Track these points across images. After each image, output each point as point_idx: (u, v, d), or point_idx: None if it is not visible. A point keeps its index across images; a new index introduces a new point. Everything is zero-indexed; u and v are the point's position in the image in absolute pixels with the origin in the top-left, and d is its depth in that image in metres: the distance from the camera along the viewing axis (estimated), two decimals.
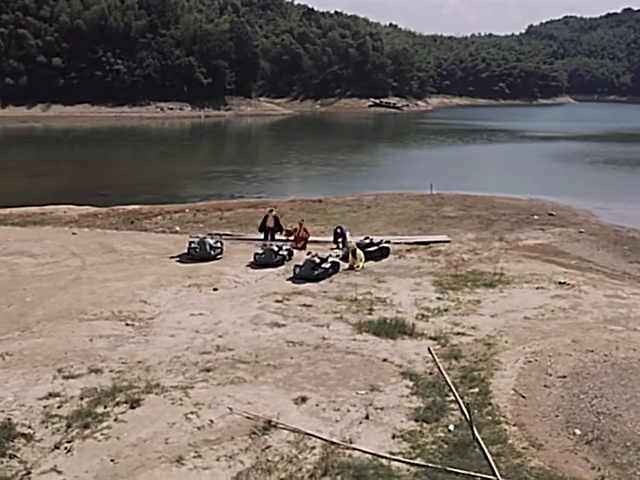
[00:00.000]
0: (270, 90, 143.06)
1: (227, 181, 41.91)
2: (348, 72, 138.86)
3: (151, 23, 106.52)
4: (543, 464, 8.59)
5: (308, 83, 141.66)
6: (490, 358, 12.05)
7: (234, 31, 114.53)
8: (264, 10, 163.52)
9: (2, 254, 19.05)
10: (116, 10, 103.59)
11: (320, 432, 9.27)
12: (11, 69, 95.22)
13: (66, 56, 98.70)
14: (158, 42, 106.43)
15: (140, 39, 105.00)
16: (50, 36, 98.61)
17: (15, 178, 43.50)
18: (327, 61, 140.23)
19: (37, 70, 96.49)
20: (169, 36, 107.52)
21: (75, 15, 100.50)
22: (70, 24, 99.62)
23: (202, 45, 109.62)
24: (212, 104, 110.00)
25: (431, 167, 50.49)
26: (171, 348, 12.38)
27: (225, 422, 9.45)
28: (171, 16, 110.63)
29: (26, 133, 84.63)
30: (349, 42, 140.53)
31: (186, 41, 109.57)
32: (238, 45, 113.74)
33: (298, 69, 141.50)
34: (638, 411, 9.67)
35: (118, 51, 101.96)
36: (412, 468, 8.51)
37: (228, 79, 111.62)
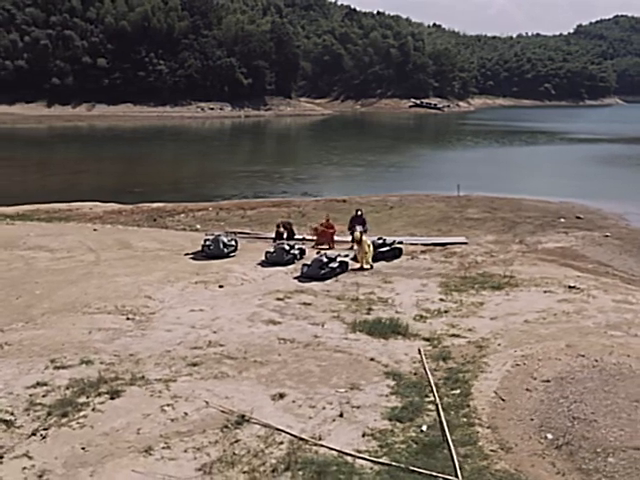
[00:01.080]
0: (311, 90, 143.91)
1: (256, 180, 42.30)
2: (389, 72, 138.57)
3: (193, 24, 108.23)
4: (509, 467, 8.53)
5: (349, 83, 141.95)
6: (478, 360, 11.97)
7: (275, 32, 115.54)
8: (307, 11, 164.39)
9: (21, 248, 19.70)
10: (159, 11, 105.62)
11: (291, 428, 9.37)
12: (58, 69, 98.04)
13: (110, 57, 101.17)
14: (200, 43, 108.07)
15: (182, 40, 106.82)
16: (95, 37, 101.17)
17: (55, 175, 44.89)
18: (368, 61, 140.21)
19: (83, 70, 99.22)
20: (211, 37, 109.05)
21: (120, 16, 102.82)
22: (115, 25, 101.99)
23: (243, 46, 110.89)
24: (252, 104, 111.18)
25: (462, 169, 50.04)
26: (165, 342, 12.65)
27: (199, 415, 9.64)
28: (213, 17, 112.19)
29: (71, 132, 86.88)
30: (390, 42, 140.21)
31: (228, 42, 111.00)
32: (279, 46, 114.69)
33: (339, 69, 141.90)
34: (615, 417, 9.50)
35: (161, 52, 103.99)
36: (376, 466, 8.55)
37: (268, 79, 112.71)
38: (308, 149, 69.61)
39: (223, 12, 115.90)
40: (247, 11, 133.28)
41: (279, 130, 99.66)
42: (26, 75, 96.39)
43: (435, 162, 55.48)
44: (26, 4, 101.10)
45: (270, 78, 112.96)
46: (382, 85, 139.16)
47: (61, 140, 77.31)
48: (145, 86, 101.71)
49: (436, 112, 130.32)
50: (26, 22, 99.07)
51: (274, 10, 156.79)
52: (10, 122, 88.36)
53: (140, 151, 63.57)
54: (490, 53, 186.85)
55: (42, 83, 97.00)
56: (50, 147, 66.66)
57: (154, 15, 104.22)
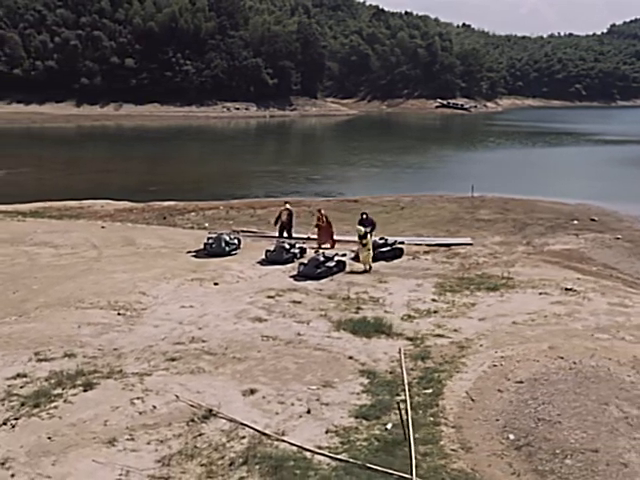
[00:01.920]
0: (338, 91, 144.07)
1: (271, 180, 42.58)
2: (416, 73, 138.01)
3: (220, 25, 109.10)
4: (465, 467, 8.54)
5: (376, 84, 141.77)
6: (457, 361, 11.96)
7: (301, 32, 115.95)
8: (334, 11, 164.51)
9: (27, 244, 20.16)
10: (187, 12, 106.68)
11: (256, 423, 9.50)
12: (87, 70, 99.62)
13: (138, 57, 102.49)
14: (227, 43, 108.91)
15: (209, 40, 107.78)
16: (124, 38, 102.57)
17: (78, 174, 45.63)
18: (395, 62, 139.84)
19: (111, 71, 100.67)
20: (237, 37, 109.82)
21: (148, 17, 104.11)
22: (143, 26, 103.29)
23: (269, 46, 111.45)
24: (277, 104, 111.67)
25: (481, 170, 49.75)
26: (149, 337, 12.88)
27: (168, 409, 9.82)
28: (240, 18, 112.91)
29: (98, 131, 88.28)
30: (418, 42, 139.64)
31: (254, 42, 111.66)
32: (305, 46, 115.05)
33: (366, 70, 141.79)
34: (580, 419, 9.43)
35: (187, 52, 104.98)
36: (333, 462, 8.63)
37: (294, 80, 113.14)
38: (327, 149, 69.77)
39: (250, 13, 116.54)
40: (275, 11, 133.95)
41: (302, 130, 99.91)
42: (56, 75, 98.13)
43: (454, 163, 55.15)
44: (57, 5, 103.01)
45: (296, 78, 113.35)
46: (409, 85, 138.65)
47: (88, 139, 78.62)
48: (172, 86, 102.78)
49: (463, 113, 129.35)
50: (56, 23, 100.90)
51: (302, 10, 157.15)
52: (40, 121, 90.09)
53: (163, 151, 64.28)
54: (520, 53, 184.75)
55: (71, 83, 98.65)
56: (77, 146, 67.72)
57: (181, 16, 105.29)
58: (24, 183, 39.41)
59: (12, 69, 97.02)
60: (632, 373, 11.25)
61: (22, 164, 48.35)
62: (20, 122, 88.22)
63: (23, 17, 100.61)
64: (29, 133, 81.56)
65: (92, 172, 46.62)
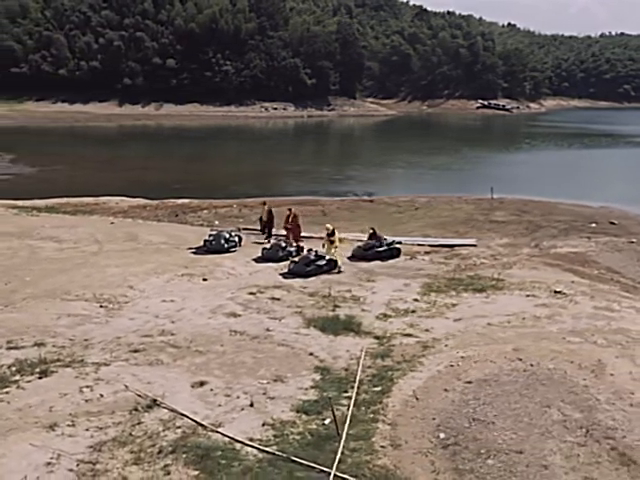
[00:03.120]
0: (378, 91, 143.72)
1: (292, 180, 42.97)
2: (457, 73, 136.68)
3: (260, 25, 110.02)
4: (389, 463, 8.60)
5: (416, 84, 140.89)
6: (416, 360, 11.97)
7: (340, 32, 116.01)
8: (377, 11, 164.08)
9: (33, 238, 20.87)
10: (227, 13, 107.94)
11: (196, 414, 9.73)
12: (129, 70, 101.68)
13: (179, 57, 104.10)
14: (266, 44, 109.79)
15: (249, 41, 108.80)
16: (165, 39, 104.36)
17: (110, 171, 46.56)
18: (436, 62, 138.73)
19: (152, 71, 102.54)
20: (277, 38, 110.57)
21: (189, 19, 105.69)
22: (184, 27, 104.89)
23: (308, 46, 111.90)
24: (315, 104, 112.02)
25: (508, 171, 49.23)
26: (122, 330, 13.25)
27: (114, 397, 10.14)
28: (280, 19, 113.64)
29: (139, 130, 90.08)
30: (460, 42, 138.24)
31: (293, 43, 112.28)
32: (344, 46, 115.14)
33: (407, 70, 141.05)
34: (515, 420, 9.37)
35: (227, 52, 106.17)
36: (260, 454, 8.80)
37: (332, 80, 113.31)
38: (357, 150, 69.74)
39: (290, 13, 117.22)
40: (316, 11, 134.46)
41: (338, 131, 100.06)
42: (99, 75, 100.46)
43: (483, 164, 54.53)
44: (101, 7, 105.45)
45: (334, 78, 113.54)
46: (449, 86, 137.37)
47: (128, 138, 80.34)
48: (211, 86, 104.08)
49: (504, 113, 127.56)
50: (101, 24, 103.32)
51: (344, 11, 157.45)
52: (83, 120, 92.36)
53: (198, 150, 65.32)
54: (566, 53, 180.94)
55: (114, 83, 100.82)
56: (115, 145, 69.16)
57: (222, 17, 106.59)
58: (54, 180, 40.60)
59: (58, 69, 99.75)
60: (589, 377, 11.10)
61: (57, 162, 49.83)
62: (64, 121, 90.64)
63: (69, 19, 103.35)
64: (71, 132, 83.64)
65: (123, 170, 47.55)
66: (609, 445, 8.87)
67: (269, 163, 54.58)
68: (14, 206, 26.79)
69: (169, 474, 8.27)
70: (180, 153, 62.18)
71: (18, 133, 75.19)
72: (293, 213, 22.22)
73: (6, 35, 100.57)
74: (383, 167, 49.10)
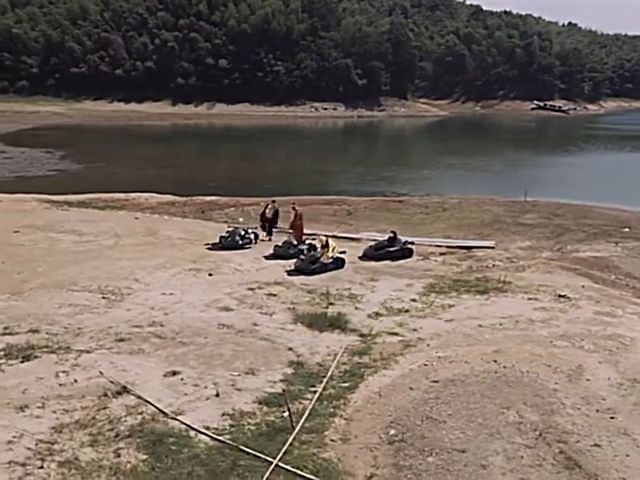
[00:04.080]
0: (431, 91, 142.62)
1: (327, 179, 43.22)
2: (513, 73, 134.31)
3: (312, 26, 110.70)
4: (333, 456, 8.73)
5: (471, 84, 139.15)
6: (392, 358, 12.02)
7: (393, 32, 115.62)
8: (432, 11, 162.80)
9: (56, 231, 21.73)
10: (280, 14, 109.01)
11: (160, 402, 10.07)
12: (182, 70, 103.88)
13: (231, 58, 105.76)
14: (317, 44, 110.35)
15: (300, 41, 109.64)
16: (218, 39, 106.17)
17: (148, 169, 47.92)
18: (491, 62, 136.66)
19: (205, 71, 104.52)
20: (328, 38, 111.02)
21: (242, 19, 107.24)
22: (237, 28, 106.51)
23: (360, 47, 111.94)
24: (366, 105, 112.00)
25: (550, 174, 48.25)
26: (115, 320, 13.74)
27: (87, 383, 10.58)
28: (332, 19, 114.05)
29: (191, 129, 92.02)
30: (515, 42, 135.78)
31: (345, 43, 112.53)
32: (396, 46, 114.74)
33: (461, 70, 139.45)
34: (468, 420, 9.35)
35: (279, 53, 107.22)
36: (212, 442, 9.06)
37: (383, 80, 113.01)
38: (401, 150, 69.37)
39: (342, 14, 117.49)
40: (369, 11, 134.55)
41: (386, 131, 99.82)
42: (154, 75, 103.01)
43: (525, 167, 53.53)
44: (158, 8, 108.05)
45: (385, 79, 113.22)
46: (504, 86, 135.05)
47: (179, 137, 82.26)
48: (262, 86, 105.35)
49: (560, 115, 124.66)
50: (157, 26, 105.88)
51: (399, 11, 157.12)
52: (136, 119, 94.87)
53: (244, 149, 66.33)
54: (629, 53, 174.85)
55: (168, 83, 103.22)
56: (165, 143, 70.72)
57: (274, 17, 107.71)
58: (96, 176, 42.04)
59: (114, 69, 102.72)
60: (562, 381, 10.96)
61: (103, 159, 51.49)
62: (118, 120, 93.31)
63: (126, 20, 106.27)
64: (125, 131, 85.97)
65: (165, 168, 48.79)
66: (559, 449, 8.78)
67: (309, 163, 55.04)
68: (48, 200, 27.86)
69: (119, 456, 8.62)
70: (226, 152, 63.33)
71: (74, 131, 77.92)
72: (298, 212, 22.36)
73: (67, 36, 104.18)
74: (422, 168, 48.90)
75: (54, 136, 69.13)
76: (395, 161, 55.13)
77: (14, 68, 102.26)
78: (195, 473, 8.29)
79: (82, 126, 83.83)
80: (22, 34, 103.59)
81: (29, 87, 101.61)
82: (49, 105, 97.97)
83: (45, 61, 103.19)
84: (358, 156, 64.33)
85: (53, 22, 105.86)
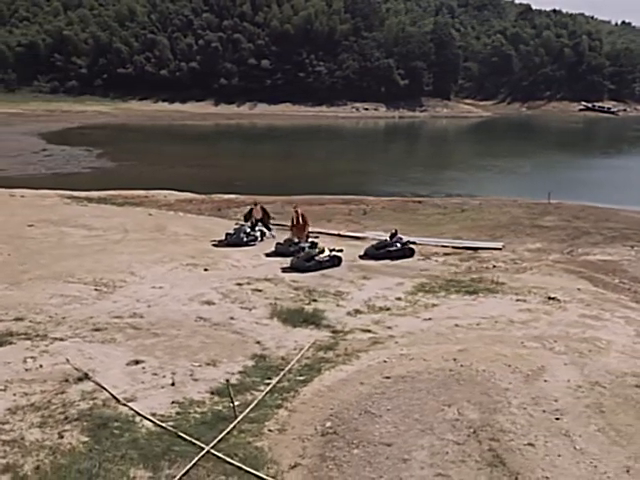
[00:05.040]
0: (477, 92, 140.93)
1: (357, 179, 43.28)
2: (560, 74, 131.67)
3: (355, 26, 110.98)
4: (265, 445, 8.96)
5: (517, 85, 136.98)
6: (355, 354, 12.16)
7: (436, 32, 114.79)
8: (480, 11, 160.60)
9: (69, 225, 22.54)
10: (323, 15, 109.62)
11: (116, 388, 10.47)
12: (225, 71, 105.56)
13: (274, 58, 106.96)
14: (360, 44, 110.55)
15: (343, 42, 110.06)
16: (261, 40, 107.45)
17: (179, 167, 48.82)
18: (539, 62, 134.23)
19: (248, 71, 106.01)
20: (371, 39, 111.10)
21: (285, 20, 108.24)
22: (280, 28, 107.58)
23: (402, 47, 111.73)
24: (407, 105, 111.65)
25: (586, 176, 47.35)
26: (99, 310, 14.25)
27: (52, 369, 11.06)
28: (375, 19, 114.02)
29: (232, 129, 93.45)
30: (564, 42, 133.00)
31: (388, 43, 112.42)
32: (439, 46, 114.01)
33: (508, 71, 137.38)
34: (405, 416, 9.42)
35: (321, 53, 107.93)
36: (154, 428, 9.40)
37: (426, 80, 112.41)
38: (435, 151, 68.99)
39: (386, 14, 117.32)
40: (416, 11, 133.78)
41: (426, 132, 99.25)
42: (198, 76, 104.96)
43: (560, 168, 52.52)
44: (203, 10, 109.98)
45: (428, 79, 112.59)
46: (551, 87, 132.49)
47: (220, 137, 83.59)
48: (304, 86, 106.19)
49: (609, 116, 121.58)
50: (201, 27, 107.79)
51: (446, 10, 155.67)
52: (179, 119, 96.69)
53: (280, 148, 67.00)
54: None
55: (211, 83, 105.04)
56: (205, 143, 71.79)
57: (317, 18, 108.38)
58: (126, 174, 43.16)
59: (160, 70, 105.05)
60: (517, 382, 10.94)
61: (138, 158, 52.74)
62: (162, 119, 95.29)
63: (172, 21, 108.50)
64: (167, 130, 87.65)
65: (196, 166, 49.59)
66: (489, 447, 8.80)
67: (343, 163, 55.15)
68: (70, 196, 28.82)
69: (62, 438, 9.03)
70: (262, 152, 64.01)
71: (116, 130, 79.91)
72: (301, 213, 22.47)
73: (115, 38, 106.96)
74: (453, 169, 48.64)
75: (96, 135, 71.08)
76: (428, 162, 54.98)
77: (64, 69, 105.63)
78: (128, 456, 8.62)
79: (126, 125, 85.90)
80: (72, 36, 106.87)
81: (78, 87, 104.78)
82: (96, 105, 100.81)
83: (94, 62, 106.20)
84: (394, 157, 64.22)
85: (102, 24, 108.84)
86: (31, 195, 28.68)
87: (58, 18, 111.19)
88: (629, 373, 11.79)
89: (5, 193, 28.52)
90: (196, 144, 69.52)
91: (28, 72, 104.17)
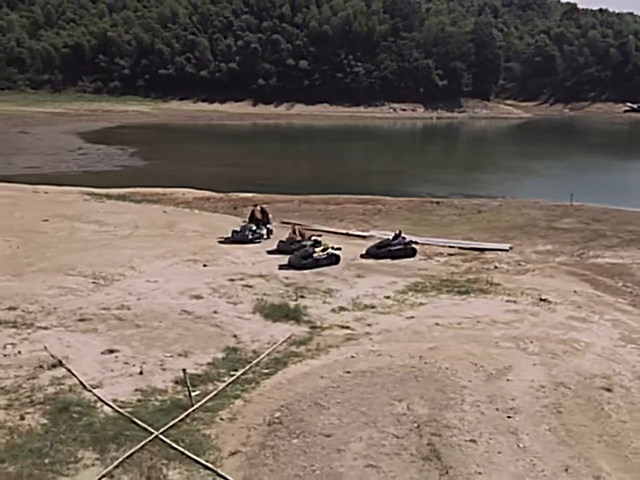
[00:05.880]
0: (519, 93, 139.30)
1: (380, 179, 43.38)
2: (605, 74, 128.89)
3: (394, 27, 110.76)
4: (213, 433, 9.24)
5: (560, 86, 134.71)
6: (325, 349, 12.35)
7: (477, 32, 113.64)
8: (524, 10, 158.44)
9: (82, 220, 23.28)
10: (361, 15, 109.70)
11: (85, 375, 10.92)
12: (264, 71, 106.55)
13: (312, 59, 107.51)
14: (398, 45, 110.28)
15: (381, 42, 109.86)
16: (300, 41, 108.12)
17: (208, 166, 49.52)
18: (583, 63, 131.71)
19: (286, 72, 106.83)
20: (409, 39, 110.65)
21: (323, 21, 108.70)
22: (318, 29, 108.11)
23: (441, 47, 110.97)
24: (446, 106, 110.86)
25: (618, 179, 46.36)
26: (91, 302, 14.77)
27: (29, 355, 11.57)
28: (415, 19, 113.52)
29: (270, 129, 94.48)
30: (610, 42, 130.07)
31: (427, 43, 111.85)
32: (479, 46, 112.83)
33: (551, 71, 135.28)
34: (353, 409, 9.55)
35: (359, 54, 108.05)
36: (111, 413, 9.80)
37: (465, 81, 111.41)
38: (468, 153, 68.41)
39: (425, 14, 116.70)
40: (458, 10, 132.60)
41: (463, 133, 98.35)
42: (237, 76, 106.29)
43: (592, 171, 51.57)
44: (243, 11, 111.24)
45: (467, 80, 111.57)
46: (596, 88, 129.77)
47: (256, 137, 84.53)
48: (341, 87, 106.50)
49: None
50: (241, 28, 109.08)
51: (489, 10, 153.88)
52: (217, 119, 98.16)
53: (312, 148, 67.41)
54: None
55: (250, 84, 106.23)
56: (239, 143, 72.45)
57: (355, 19, 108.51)
58: (154, 172, 44.10)
59: (200, 71, 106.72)
60: (478, 380, 10.99)
61: (170, 157, 53.79)
62: (200, 119, 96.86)
63: (213, 23, 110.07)
64: (205, 130, 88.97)
65: (224, 165, 50.18)
66: (428, 441, 8.92)
67: (372, 163, 55.29)
68: (90, 193, 29.68)
69: (23, 420, 9.49)
70: (295, 152, 64.54)
71: (154, 129, 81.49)
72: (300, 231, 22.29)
73: (157, 39, 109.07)
74: (482, 171, 48.31)
75: (134, 134, 72.64)
76: (459, 163, 54.73)
77: (108, 69, 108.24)
78: (80, 438, 9.03)
79: (164, 125, 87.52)
80: (116, 37, 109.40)
81: (121, 87, 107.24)
82: (137, 105, 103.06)
83: (136, 63, 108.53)
84: (425, 158, 63.97)
85: (145, 25, 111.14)
86: (54, 192, 29.66)
87: (103, 20, 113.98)
88: (599, 375, 11.71)
89: (29, 189, 29.56)
90: (230, 144, 70.36)
91: (73, 73, 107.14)
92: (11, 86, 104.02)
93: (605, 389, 11.18)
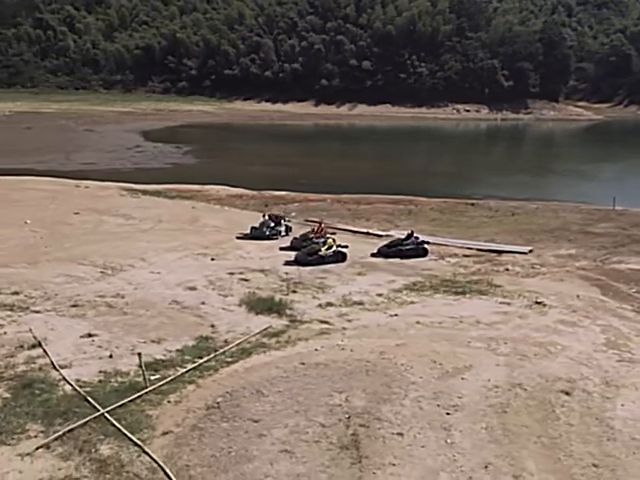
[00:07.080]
0: (591, 94, 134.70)
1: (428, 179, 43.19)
2: None
3: (459, 27, 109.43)
4: (155, 414, 9.71)
5: (635, 87, 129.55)
6: (295, 342, 12.66)
7: (545, 32, 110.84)
8: (599, 9, 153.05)
9: (110, 214, 24.40)
10: (426, 15, 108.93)
11: (58, 355, 11.63)
12: (327, 72, 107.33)
13: (375, 60, 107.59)
14: (463, 45, 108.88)
15: (446, 42, 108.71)
16: (363, 41, 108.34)
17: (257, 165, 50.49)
18: None
19: (348, 72, 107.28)
20: (475, 39, 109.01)
21: (387, 21, 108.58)
22: (382, 29, 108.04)
23: (508, 47, 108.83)
24: (511, 107, 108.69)
25: None
26: (91, 290, 15.60)
27: (14, 336, 12.40)
28: (481, 19, 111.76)
29: (331, 130, 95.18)
30: None
31: (492, 43, 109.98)
32: (548, 46, 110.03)
33: (626, 72, 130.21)
34: (289, 398, 9.81)
35: (423, 54, 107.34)
36: (70, 392, 10.42)
37: (532, 82, 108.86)
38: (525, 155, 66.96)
39: (493, 13, 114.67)
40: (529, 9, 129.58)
41: (527, 135, 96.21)
42: (300, 77, 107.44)
43: None
44: (308, 12, 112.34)
45: (534, 80, 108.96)
46: None
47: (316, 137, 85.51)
48: (404, 87, 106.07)
49: None
50: (305, 29, 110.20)
51: (563, 9, 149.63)
52: (278, 119, 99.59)
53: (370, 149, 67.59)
54: None
55: (313, 84, 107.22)
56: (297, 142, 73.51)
57: (420, 19, 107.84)
58: (202, 170, 45.41)
59: (264, 71, 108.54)
60: (429, 377, 11.07)
61: (222, 155, 55.27)
62: (263, 119, 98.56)
63: (278, 24, 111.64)
64: (265, 129, 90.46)
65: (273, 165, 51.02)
66: (353, 432, 9.12)
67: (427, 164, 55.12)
68: (128, 189, 30.95)
69: None
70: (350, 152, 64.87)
71: (215, 129, 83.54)
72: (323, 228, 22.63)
73: (223, 40, 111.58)
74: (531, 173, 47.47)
75: (194, 133, 74.75)
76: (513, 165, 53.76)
77: (176, 70, 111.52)
78: (32, 412, 9.69)
79: (226, 125, 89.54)
80: (185, 38, 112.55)
81: (188, 88, 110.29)
82: (202, 104, 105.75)
83: (203, 63, 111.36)
84: (480, 160, 62.98)
85: (212, 27, 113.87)
86: (94, 187, 31.07)
87: (174, 22, 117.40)
88: (564, 379, 11.57)
89: (71, 184, 31.08)
90: (289, 143, 71.35)
91: (144, 73, 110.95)
92: (85, 86, 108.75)
93: (564, 392, 11.04)
